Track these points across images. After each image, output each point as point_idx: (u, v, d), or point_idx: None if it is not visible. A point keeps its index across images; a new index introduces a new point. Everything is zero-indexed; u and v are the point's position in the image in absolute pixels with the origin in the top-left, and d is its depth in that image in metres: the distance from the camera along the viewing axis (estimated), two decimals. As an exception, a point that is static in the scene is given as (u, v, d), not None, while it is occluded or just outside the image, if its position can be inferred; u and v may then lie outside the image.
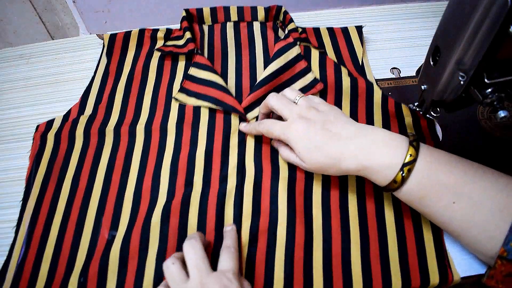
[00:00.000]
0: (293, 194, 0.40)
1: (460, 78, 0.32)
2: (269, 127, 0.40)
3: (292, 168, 0.42)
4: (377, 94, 0.48)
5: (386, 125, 0.46)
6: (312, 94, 0.45)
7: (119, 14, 0.60)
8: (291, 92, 0.41)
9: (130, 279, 0.36)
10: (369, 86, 0.48)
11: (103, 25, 0.61)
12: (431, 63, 0.35)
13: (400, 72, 0.52)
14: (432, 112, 0.39)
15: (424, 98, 0.39)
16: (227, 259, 0.33)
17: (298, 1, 0.54)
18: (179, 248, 0.37)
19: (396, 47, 0.55)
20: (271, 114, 0.44)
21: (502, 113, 0.33)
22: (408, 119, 0.46)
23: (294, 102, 0.40)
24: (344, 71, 0.49)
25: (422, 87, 0.38)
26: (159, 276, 0.36)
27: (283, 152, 0.41)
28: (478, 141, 0.46)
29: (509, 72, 0.31)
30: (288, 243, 0.37)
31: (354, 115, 0.46)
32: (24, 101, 0.52)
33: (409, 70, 0.52)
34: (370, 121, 0.46)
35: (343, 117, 0.38)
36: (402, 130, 0.45)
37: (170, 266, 0.32)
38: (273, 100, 0.40)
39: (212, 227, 0.39)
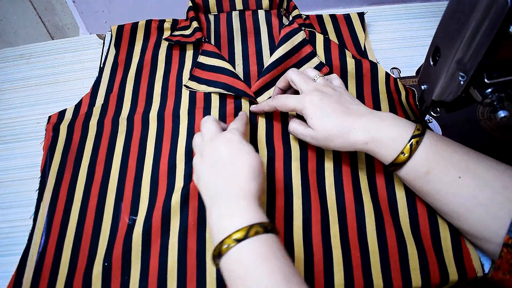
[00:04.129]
0: (306, 171, 0.42)
1: (460, 78, 0.32)
2: (284, 100, 0.41)
3: (304, 147, 0.43)
4: (381, 73, 0.49)
5: (390, 102, 0.47)
6: None
7: (119, 14, 0.60)
8: (312, 71, 0.42)
9: (154, 261, 0.37)
10: (373, 66, 0.49)
11: (103, 25, 0.61)
12: (431, 63, 0.35)
13: (400, 72, 0.52)
14: (432, 112, 0.39)
15: (424, 98, 0.39)
16: (235, 122, 0.39)
17: (298, 2, 0.55)
18: (200, 228, 0.38)
19: (396, 47, 0.55)
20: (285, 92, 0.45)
21: (502, 113, 0.32)
22: (403, 94, 0.48)
23: (313, 80, 0.41)
24: (348, 54, 0.50)
25: (422, 87, 0.38)
26: (182, 257, 0.37)
27: (291, 124, 0.41)
28: (478, 141, 0.46)
29: (509, 72, 0.30)
30: (305, 219, 0.38)
31: (360, 95, 0.48)
32: (24, 101, 0.52)
33: (409, 70, 0.52)
34: (375, 99, 0.47)
35: (356, 100, 0.40)
36: (403, 105, 0.47)
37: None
38: (293, 74, 0.41)
39: None
